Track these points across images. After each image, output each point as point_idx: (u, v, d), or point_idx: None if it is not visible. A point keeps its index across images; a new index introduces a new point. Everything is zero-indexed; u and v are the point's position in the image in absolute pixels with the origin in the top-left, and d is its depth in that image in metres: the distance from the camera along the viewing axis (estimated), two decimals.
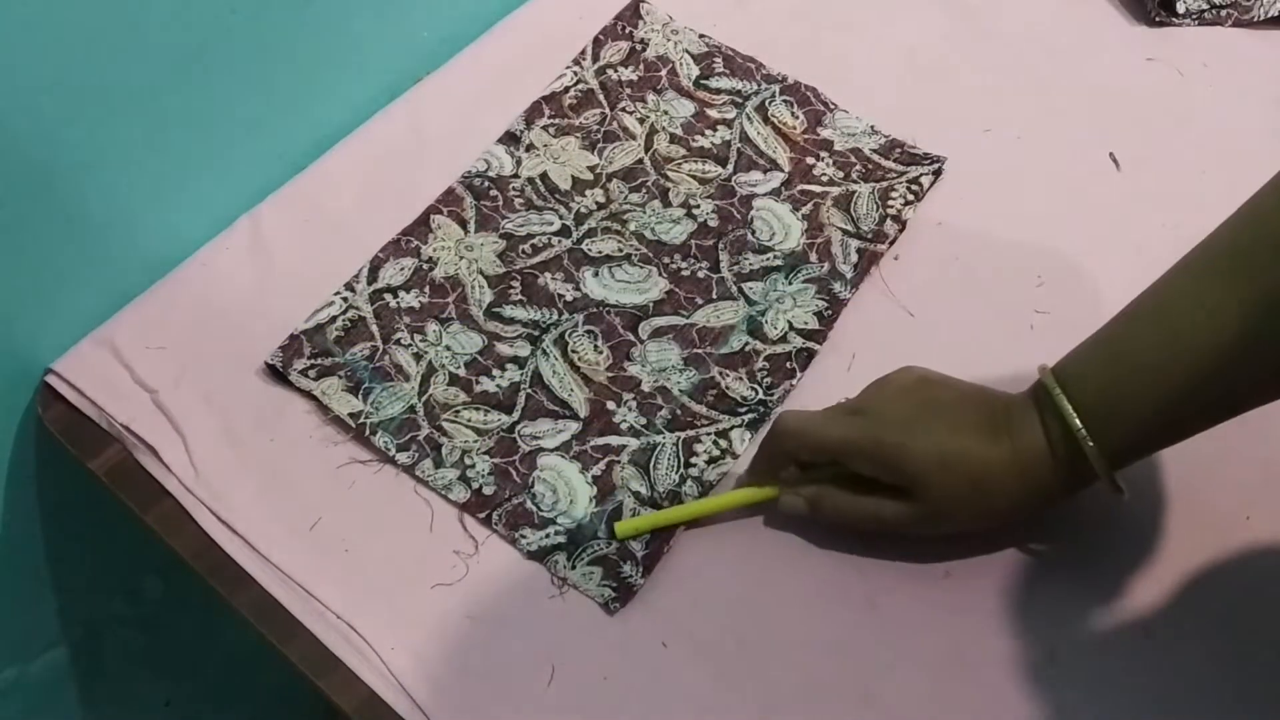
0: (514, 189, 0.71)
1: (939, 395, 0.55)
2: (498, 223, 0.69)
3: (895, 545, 0.57)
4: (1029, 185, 0.73)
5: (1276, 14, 0.82)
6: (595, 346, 0.64)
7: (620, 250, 0.68)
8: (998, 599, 0.57)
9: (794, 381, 0.63)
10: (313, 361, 0.63)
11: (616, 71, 0.77)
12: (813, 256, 0.68)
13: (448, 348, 0.64)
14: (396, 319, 0.65)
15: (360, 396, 0.62)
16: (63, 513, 0.70)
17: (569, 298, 0.66)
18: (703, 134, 0.74)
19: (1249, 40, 0.81)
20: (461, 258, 0.67)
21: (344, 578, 0.56)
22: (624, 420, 0.62)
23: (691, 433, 0.61)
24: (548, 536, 0.58)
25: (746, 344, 0.65)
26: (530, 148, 0.73)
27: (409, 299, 0.66)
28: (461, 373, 0.63)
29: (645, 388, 0.63)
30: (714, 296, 0.67)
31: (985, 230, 0.70)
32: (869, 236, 0.69)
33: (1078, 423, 0.51)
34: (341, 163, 0.72)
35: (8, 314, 0.60)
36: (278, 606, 0.56)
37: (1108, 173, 0.74)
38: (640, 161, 0.73)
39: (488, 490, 0.59)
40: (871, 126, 0.75)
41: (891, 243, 0.69)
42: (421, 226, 0.69)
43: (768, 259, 0.68)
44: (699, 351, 0.64)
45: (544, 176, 0.71)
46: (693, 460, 0.60)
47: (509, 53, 0.78)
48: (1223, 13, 0.82)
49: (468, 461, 0.60)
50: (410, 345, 0.64)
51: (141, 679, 0.84)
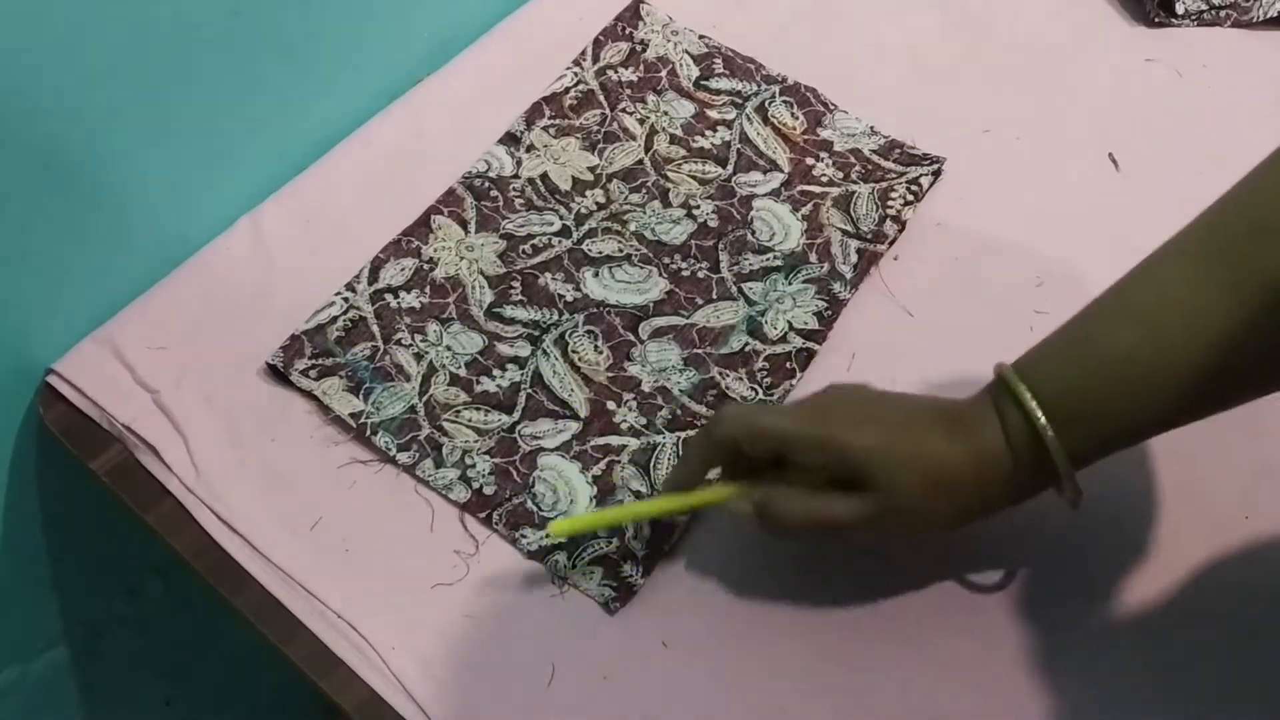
0: (514, 189, 0.71)
1: (890, 398, 0.54)
2: (498, 223, 0.69)
3: (894, 547, 0.57)
4: (1029, 185, 0.73)
5: (1275, 15, 0.82)
6: (595, 347, 0.64)
7: (620, 250, 0.69)
8: (997, 599, 0.57)
9: (794, 382, 0.63)
10: (314, 361, 0.63)
11: (617, 72, 0.77)
12: (812, 257, 0.68)
13: (448, 348, 0.64)
14: (397, 319, 0.65)
15: (361, 396, 0.62)
16: (63, 513, 0.70)
17: (569, 298, 0.66)
18: (703, 135, 0.74)
19: (1248, 41, 0.81)
20: (462, 258, 0.68)
21: (344, 577, 0.57)
22: (624, 420, 0.62)
23: (691, 433, 0.61)
24: (548, 536, 0.58)
25: (746, 344, 0.65)
26: (531, 148, 0.73)
27: (410, 299, 0.66)
28: (462, 373, 0.63)
29: (645, 388, 0.63)
30: (714, 297, 0.67)
31: (985, 230, 0.70)
32: (869, 237, 0.69)
33: (1040, 415, 0.49)
34: (342, 163, 0.72)
35: (9, 314, 0.60)
36: (278, 606, 0.56)
37: (1107, 173, 0.74)
38: (640, 162, 0.73)
39: (488, 490, 0.59)
40: (871, 127, 0.75)
41: (891, 243, 0.69)
42: (422, 227, 0.69)
43: (767, 259, 0.68)
44: (699, 352, 0.64)
45: (544, 177, 0.72)
46: None
47: (509, 53, 0.78)
48: (1222, 13, 0.82)
49: (468, 461, 0.60)
50: (411, 345, 0.64)
51: (141, 679, 0.84)
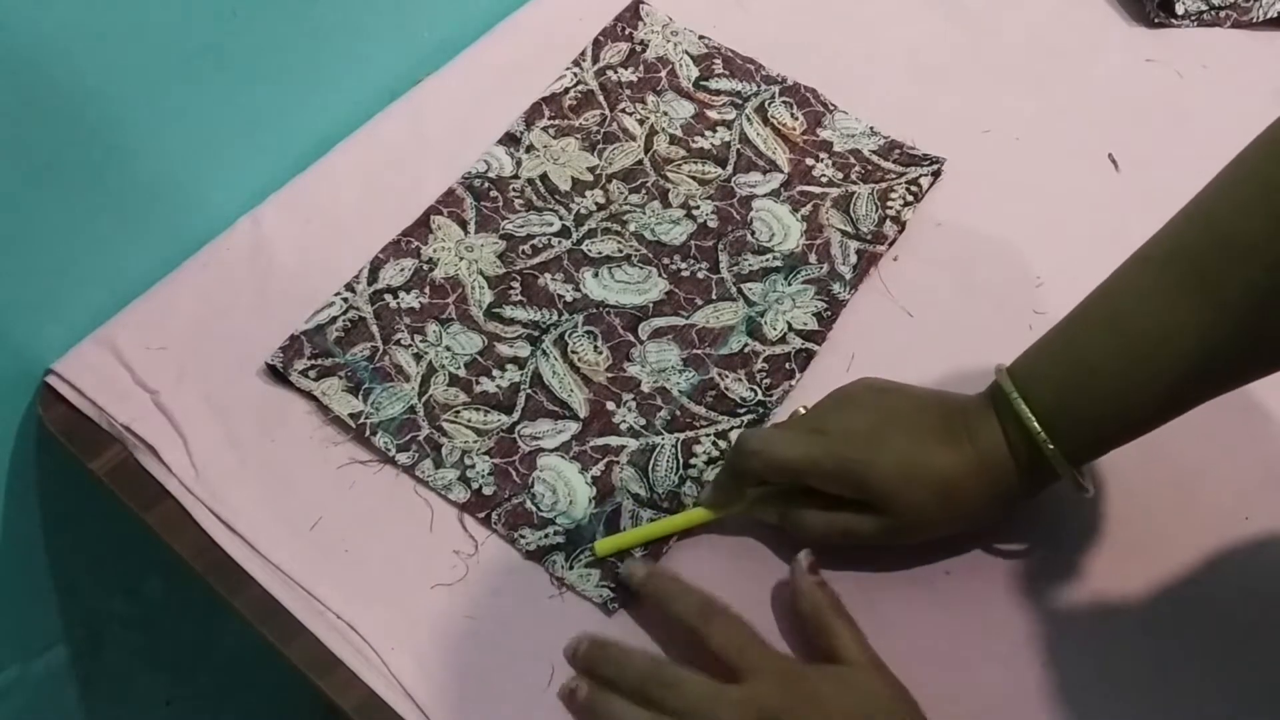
0: (514, 190, 0.71)
1: (896, 404, 0.55)
2: (498, 223, 0.69)
3: (893, 546, 0.57)
4: (1028, 186, 0.73)
5: (1275, 15, 0.82)
6: (595, 347, 0.64)
7: (620, 251, 0.69)
8: (997, 599, 0.57)
9: (793, 382, 0.63)
10: (313, 362, 0.63)
11: (616, 73, 0.77)
12: (812, 257, 0.68)
13: (448, 348, 0.64)
14: (397, 319, 0.65)
15: (360, 397, 0.62)
16: (63, 513, 0.70)
17: (569, 298, 0.66)
18: (702, 135, 0.74)
19: (1248, 41, 0.81)
20: (461, 258, 0.68)
21: (344, 578, 0.57)
22: (623, 421, 0.62)
23: (691, 434, 0.61)
24: (546, 536, 0.58)
25: (746, 345, 0.65)
26: (530, 149, 0.73)
27: (409, 299, 0.66)
28: (461, 373, 0.63)
29: (645, 388, 0.63)
30: (713, 297, 0.67)
31: (984, 231, 0.70)
32: (868, 237, 0.69)
33: (1036, 426, 0.51)
34: (342, 163, 0.72)
35: (9, 314, 0.60)
36: (278, 606, 0.56)
37: (1107, 173, 0.74)
38: (640, 162, 0.73)
39: (487, 490, 0.59)
40: (871, 127, 0.75)
41: (891, 244, 0.69)
42: (422, 227, 0.69)
43: (767, 260, 0.68)
44: (698, 352, 0.64)
45: (544, 177, 0.72)
46: (692, 461, 0.60)
47: (509, 54, 0.78)
48: (1221, 14, 0.82)
49: (468, 462, 0.60)
50: (410, 346, 0.64)
51: (141, 679, 0.84)
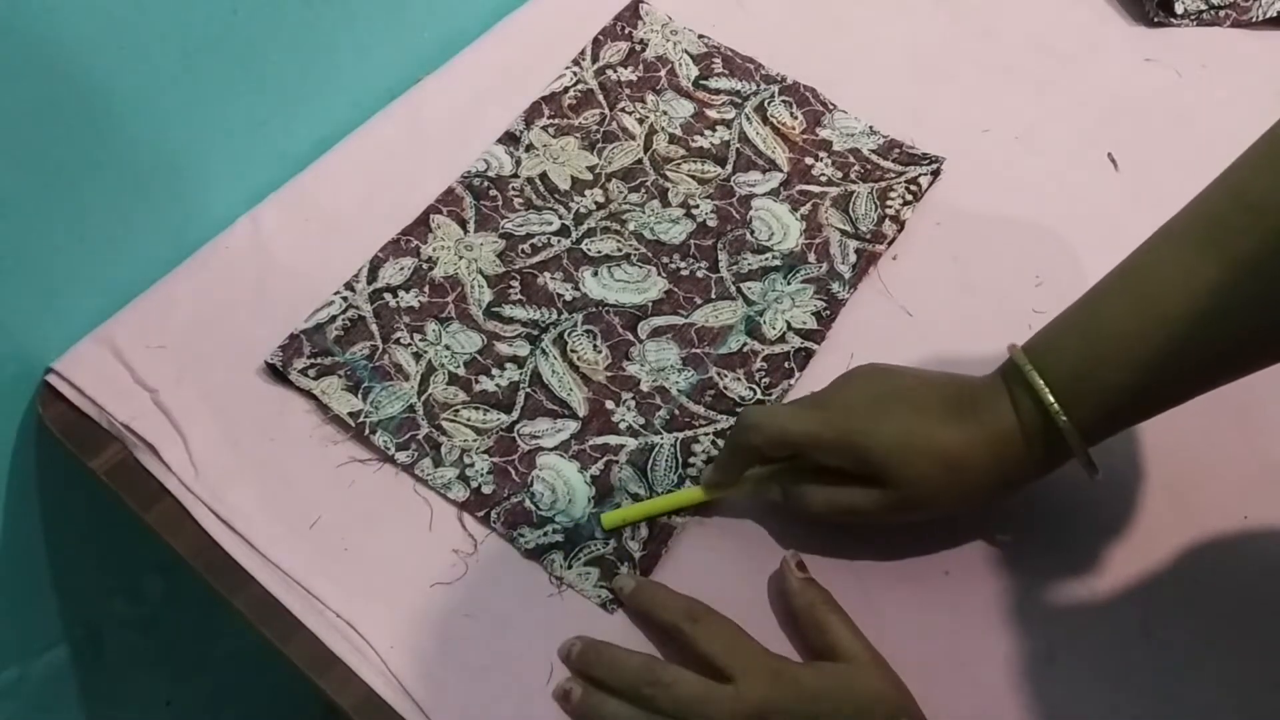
0: (513, 189, 0.71)
1: (901, 382, 0.55)
2: (497, 222, 0.69)
3: (893, 545, 0.57)
4: (1028, 185, 0.73)
5: (1274, 15, 0.82)
6: (594, 346, 0.64)
7: (619, 250, 0.69)
8: (997, 599, 0.57)
9: (792, 381, 0.63)
10: (312, 361, 0.63)
11: (616, 72, 0.77)
12: (811, 256, 0.68)
13: (447, 347, 0.64)
14: (396, 318, 0.65)
15: (360, 396, 0.62)
16: (63, 512, 0.70)
17: (568, 297, 0.66)
18: (702, 134, 0.74)
19: (1247, 41, 0.82)
20: (461, 257, 0.68)
21: (343, 576, 0.57)
22: (623, 420, 0.62)
23: (690, 433, 0.61)
24: (545, 535, 0.58)
25: (745, 344, 0.65)
26: (530, 148, 0.73)
27: (409, 298, 0.66)
28: (461, 372, 0.63)
29: (644, 387, 0.63)
30: (713, 296, 0.67)
31: (984, 230, 0.71)
32: (867, 237, 0.69)
33: (1050, 397, 0.51)
34: (342, 162, 0.72)
35: (8, 313, 0.60)
36: (277, 605, 0.56)
37: (1107, 173, 0.74)
38: (639, 161, 0.73)
39: (487, 489, 0.59)
40: (870, 127, 0.75)
41: (890, 243, 0.69)
42: (421, 226, 0.69)
43: (766, 259, 0.68)
44: (697, 351, 0.64)
45: (543, 176, 0.72)
46: (691, 460, 0.60)
47: (509, 53, 0.78)
48: (1221, 13, 0.82)
49: (467, 460, 0.60)
50: (410, 344, 0.64)
51: (141, 679, 0.84)
